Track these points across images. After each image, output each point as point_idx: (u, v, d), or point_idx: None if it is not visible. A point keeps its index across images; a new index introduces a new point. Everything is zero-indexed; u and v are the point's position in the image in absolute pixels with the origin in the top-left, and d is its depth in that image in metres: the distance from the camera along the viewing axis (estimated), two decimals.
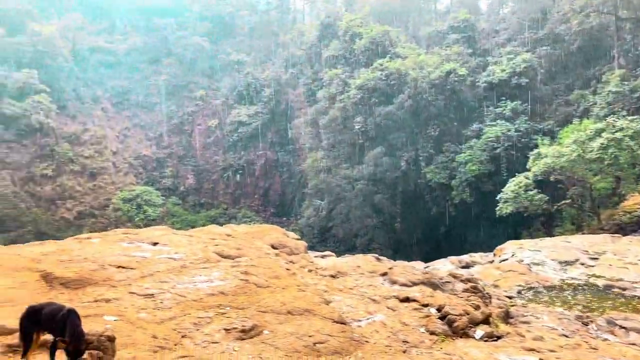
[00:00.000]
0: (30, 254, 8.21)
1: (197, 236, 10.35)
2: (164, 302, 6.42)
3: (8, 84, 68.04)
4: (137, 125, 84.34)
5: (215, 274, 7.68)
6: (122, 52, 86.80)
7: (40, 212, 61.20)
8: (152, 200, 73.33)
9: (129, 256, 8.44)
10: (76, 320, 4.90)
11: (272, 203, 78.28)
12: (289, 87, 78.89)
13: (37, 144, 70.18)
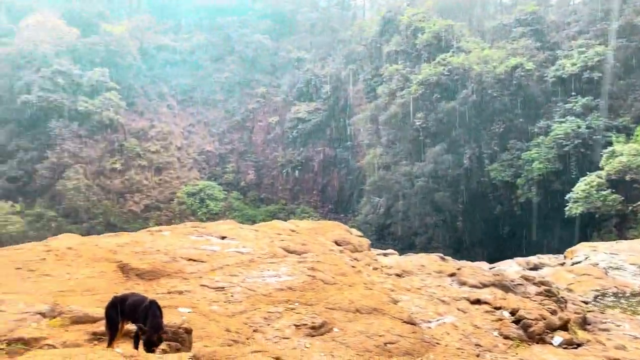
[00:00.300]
0: (106, 245, 8.54)
1: (263, 231, 10.44)
2: (235, 296, 6.49)
3: (82, 82, 71.71)
4: (201, 122, 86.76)
5: (283, 269, 7.70)
6: (186, 50, 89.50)
7: (110, 204, 64.16)
8: (215, 195, 75.33)
9: (198, 249, 8.61)
10: (157, 312, 5.02)
11: (330, 199, 78.46)
12: (348, 84, 78.69)
13: (107, 140, 73.64)
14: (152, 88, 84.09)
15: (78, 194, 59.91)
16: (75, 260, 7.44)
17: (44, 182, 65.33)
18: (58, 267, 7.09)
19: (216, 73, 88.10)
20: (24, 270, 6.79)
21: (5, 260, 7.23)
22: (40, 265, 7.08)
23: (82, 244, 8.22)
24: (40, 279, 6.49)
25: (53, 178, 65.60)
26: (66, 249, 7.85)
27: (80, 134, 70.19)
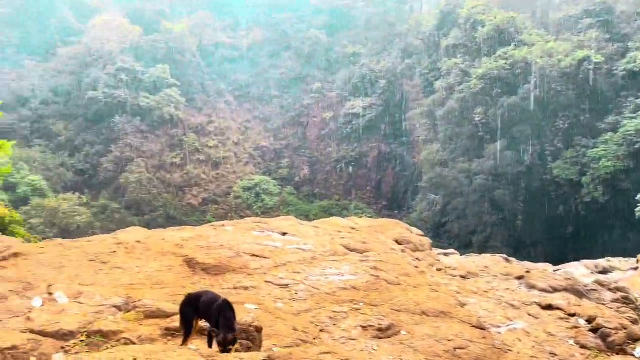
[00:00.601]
0: (172, 239, 8.72)
1: (323, 228, 10.39)
2: (299, 294, 6.45)
3: (144, 79, 74.29)
4: (257, 118, 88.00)
5: (345, 268, 7.60)
6: (244, 47, 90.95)
7: (170, 197, 66.22)
8: (270, 190, 76.32)
9: (261, 245, 8.65)
10: (229, 312, 5.03)
11: (384, 196, 77.78)
12: (404, 78, 77.57)
13: (167, 134, 76.03)
14: (210, 84, 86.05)
15: (140, 187, 62.18)
16: (144, 254, 7.63)
17: (108, 175, 68.26)
18: (128, 260, 7.29)
19: (272, 69, 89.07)
20: (97, 262, 7.02)
21: (79, 252, 7.50)
22: (111, 257, 7.30)
23: (150, 238, 8.44)
24: (112, 271, 6.69)
25: (117, 171, 68.41)
26: (135, 242, 8.07)
27: (142, 129, 72.81)
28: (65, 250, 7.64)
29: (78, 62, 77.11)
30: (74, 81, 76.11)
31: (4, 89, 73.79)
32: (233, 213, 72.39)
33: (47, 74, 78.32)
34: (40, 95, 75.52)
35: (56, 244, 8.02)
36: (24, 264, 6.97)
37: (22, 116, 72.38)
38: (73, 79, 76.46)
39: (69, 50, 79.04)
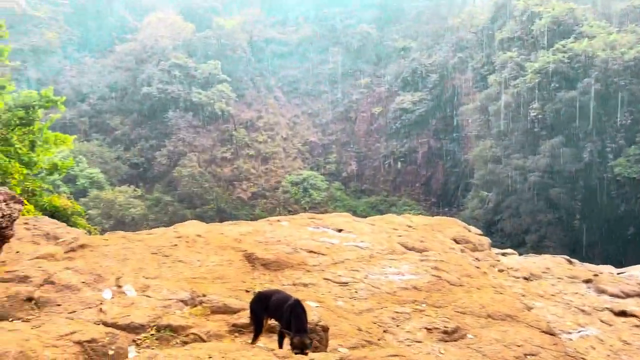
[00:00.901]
0: (231, 233, 8.79)
1: (379, 225, 10.22)
2: (359, 292, 6.35)
3: (196, 75, 75.91)
4: (306, 113, 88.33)
5: (405, 267, 7.43)
6: (293, 42, 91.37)
7: (221, 191, 67.49)
8: (317, 185, 76.53)
9: (317, 241, 8.58)
10: (301, 313, 4.94)
11: (434, 192, 76.51)
12: (456, 73, 75.90)
13: (218, 129, 77.47)
14: (260, 80, 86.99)
15: (192, 181, 63.64)
16: (204, 248, 7.71)
17: (161, 169, 70.26)
18: (189, 253, 7.39)
19: (321, 64, 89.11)
20: (159, 256, 7.14)
21: (142, 244, 7.66)
22: (173, 251, 7.41)
23: (209, 232, 8.53)
24: (174, 264, 6.78)
25: (170, 165, 70.29)
26: (195, 236, 8.18)
27: (194, 123, 74.48)
28: (128, 243, 7.82)
29: (133, 59, 79.63)
30: (129, 77, 78.66)
31: (66, 85, 77.12)
32: (281, 207, 73.06)
33: (104, 70, 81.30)
34: (98, 90, 78.49)
35: (119, 237, 8.23)
36: (90, 255, 7.17)
37: (81, 111, 75.47)
38: (129, 75, 79.03)
39: (125, 47, 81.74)
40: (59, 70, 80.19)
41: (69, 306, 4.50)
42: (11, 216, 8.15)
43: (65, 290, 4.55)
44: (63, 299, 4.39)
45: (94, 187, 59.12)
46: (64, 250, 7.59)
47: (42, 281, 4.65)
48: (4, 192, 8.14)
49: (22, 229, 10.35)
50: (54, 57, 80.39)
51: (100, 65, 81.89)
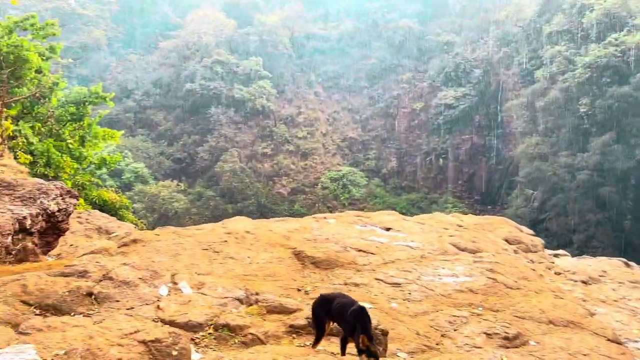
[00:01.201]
0: (279, 229, 8.75)
1: (428, 224, 9.98)
2: (412, 294, 6.16)
3: (238, 71, 76.70)
4: (346, 109, 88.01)
5: (459, 269, 7.19)
6: (334, 38, 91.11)
7: (261, 186, 68.09)
8: (357, 181, 76.23)
9: (366, 240, 8.43)
10: (367, 320, 4.80)
11: (477, 190, 75.00)
12: (501, 67, 74.03)
13: (259, 125, 78.10)
14: (300, 76, 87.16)
15: (233, 176, 64.41)
16: (253, 244, 7.69)
17: (203, 164, 71.41)
18: (239, 250, 7.37)
19: (362, 60, 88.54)
20: (210, 252, 7.16)
21: (193, 240, 7.70)
22: (223, 247, 7.42)
23: (257, 229, 8.51)
24: (225, 261, 6.78)
25: (211, 160, 71.37)
26: (244, 232, 8.16)
27: (236, 119, 75.34)
28: (179, 238, 7.88)
29: (177, 55, 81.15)
30: (173, 73, 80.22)
31: (112, 81, 79.30)
32: (320, 203, 73.16)
33: (149, 66, 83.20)
34: (142, 87, 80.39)
35: (170, 232, 8.30)
36: (143, 250, 7.25)
37: (126, 107, 77.46)
38: (172, 71, 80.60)
39: (169, 44, 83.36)
40: (106, 67, 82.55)
41: (127, 302, 4.53)
42: (67, 210, 8.35)
43: (123, 286, 4.58)
44: (121, 295, 4.41)
45: (138, 181, 60.63)
46: (118, 245, 7.71)
47: (100, 276, 4.69)
48: (60, 187, 8.34)
49: (75, 223, 10.61)
50: (101, 54, 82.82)
51: (145, 62, 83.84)
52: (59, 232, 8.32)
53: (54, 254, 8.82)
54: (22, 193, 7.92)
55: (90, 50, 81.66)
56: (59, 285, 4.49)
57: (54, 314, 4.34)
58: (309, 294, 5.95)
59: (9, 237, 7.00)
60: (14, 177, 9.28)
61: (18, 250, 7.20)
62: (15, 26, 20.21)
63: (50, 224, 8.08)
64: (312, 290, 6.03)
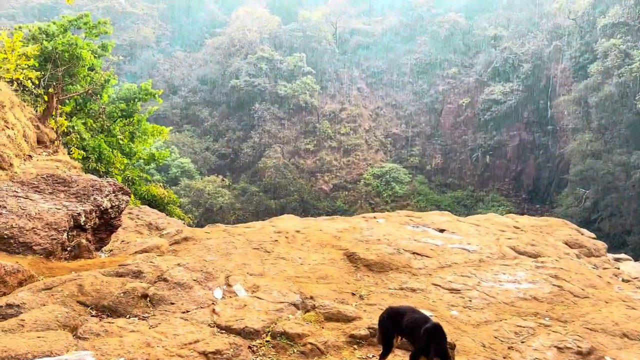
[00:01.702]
0: (328, 229, 8.55)
1: (483, 226, 9.55)
2: (473, 301, 5.83)
3: (282, 67, 76.98)
4: (389, 104, 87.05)
5: (520, 274, 6.79)
6: (378, 33, 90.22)
7: (304, 182, 68.20)
8: (400, 178, 75.27)
9: (420, 242, 8.12)
10: (443, 340, 4.52)
11: (525, 188, 72.78)
12: (551, 62, 71.48)
13: (302, 121, 78.22)
14: (344, 71, 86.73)
15: (276, 172, 64.72)
16: (304, 245, 7.51)
17: (247, 160, 72.14)
18: (290, 250, 7.21)
19: (406, 55, 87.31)
20: (261, 251, 7.02)
21: (243, 239, 7.59)
22: (274, 246, 7.28)
23: (307, 228, 8.34)
24: (277, 261, 6.63)
25: (255, 156, 71.99)
26: (295, 232, 8.01)
27: (279, 115, 75.70)
28: (229, 237, 7.79)
29: (222, 52, 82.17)
30: (218, 70, 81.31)
31: (160, 78, 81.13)
32: (362, 200, 72.68)
33: (195, 63, 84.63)
34: (189, 83, 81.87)
35: (220, 230, 8.23)
36: (194, 248, 7.19)
37: (173, 103, 79.07)
38: (218, 68, 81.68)
39: (215, 41, 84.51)
40: (153, 64, 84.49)
41: (182, 305, 4.41)
42: (119, 207, 8.39)
43: (178, 288, 4.47)
44: (176, 297, 4.30)
45: (184, 176, 61.78)
46: (169, 243, 7.69)
47: (155, 278, 4.60)
48: (112, 184, 8.39)
49: (126, 219, 10.73)
50: (149, 51, 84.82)
51: (191, 58, 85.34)
52: (112, 228, 8.38)
53: (106, 250, 8.91)
54: (76, 190, 8.00)
55: (139, 47, 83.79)
56: (114, 286, 4.42)
57: (109, 315, 4.27)
58: (364, 298, 5.71)
59: (64, 234, 7.06)
60: (68, 174, 9.41)
61: (73, 247, 7.26)
62: (70, 25, 20.73)
63: (103, 220, 8.14)
64: (367, 295, 5.79)
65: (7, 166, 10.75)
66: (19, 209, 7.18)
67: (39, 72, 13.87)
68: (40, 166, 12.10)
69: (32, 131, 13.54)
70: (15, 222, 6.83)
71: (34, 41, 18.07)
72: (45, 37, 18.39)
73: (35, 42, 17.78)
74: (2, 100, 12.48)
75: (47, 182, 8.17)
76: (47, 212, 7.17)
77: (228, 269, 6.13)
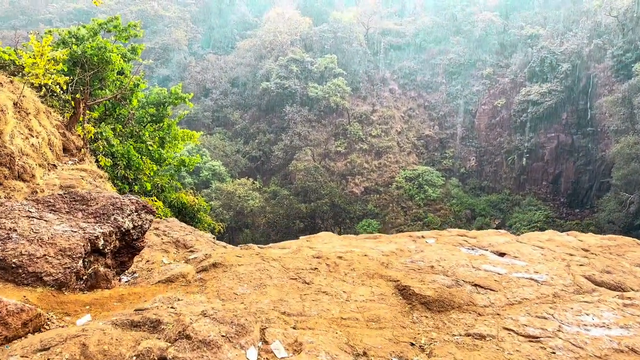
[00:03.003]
0: (372, 252, 7.57)
1: (548, 248, 8.42)
2: (558, 353, 4.78)
3: (313, 69, 76.24)
4: (421, 106, 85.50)
5: (607, 315, 5.70)
6: (410, 33, 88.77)
7: (335, 185, 67.25)
8: (433, 181, 73.66)
9: (479, 269, 7.07)
10: None
11: (563, 192, 70.27)
12: (592, 61, 68.87)
13: (332, 123, 77.33)
14: (375, 73, 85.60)
15: (307, 175, 63.97)
16: (348, 274, 6.57)
17: (278, 162, 71.61)
18: (333, 281, 6.28)
19: (439, 55, 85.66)
20: (299, 282, 6.12)
21: (279, 266, 6.70)
22: (314, 276, 6.36)
23: (349, 252, 7.39)
24: (318, 297, 5.71)
25: (285, 159, 71.43)
26: (336, 258, 7.06)
27: (310, 118, 74.99)
28: (262, 262, 6.90)
29: (253, 55, 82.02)
30: (249, 72, 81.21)
31: (191, 80, 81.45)
32: (394, 203, 71.33)
33: (226, 66, 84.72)
34: (220, 86, 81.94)
35: (253, 253, 7.36)
36: (224, 277, 6.34)
37: (205, 106, 79.26)
38: (249, 70, 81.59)
39: (246, 44, 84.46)
40: (185, 67, 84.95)
41: None
42: (142, 227, 7.58)
43: (203, 348, 3.60)
44: None
45: (215, 179, 61.60)
46: (196, 270, 6.84)
47: (176, 334, 3.75)
48: (135, 201, 7.59)
49: (152, 235, 9.97)
50: (181, 54, 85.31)
51: (223, 61, 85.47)
52: (134, 251, 7.58)
53: (129, 272, 8.14)
54: (95, 209, 7.24)
55: (171, 50, 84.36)
56: (126, 345, 3.59)
57: None
58: (426, 350, 4.73)
59: (79, 261, 6.28)
60: (88, 189, 8.67)
61: (89, 275, 6.48)
62: (100, 28, 20.28)
63: (124, 243, 7.35)
64: (429, 346, 4.80)
65: (28, 177, 10.10)
66: (31, 232, 6.42)
67: (68, 77, 13.32)
68: (65, 176, 11.43)
69: (58, 139, 12.96)
70: (25, 248, 6.07)
71: (64, 45, 17.64)
72: (74, 41, 17.94)
73: (65, 47, 17.34)
74: (27, 107, 11.91)
75: (64, 200, 7.42)
76: (61, 236, 6.39)
77: (262, 308, 5.23)
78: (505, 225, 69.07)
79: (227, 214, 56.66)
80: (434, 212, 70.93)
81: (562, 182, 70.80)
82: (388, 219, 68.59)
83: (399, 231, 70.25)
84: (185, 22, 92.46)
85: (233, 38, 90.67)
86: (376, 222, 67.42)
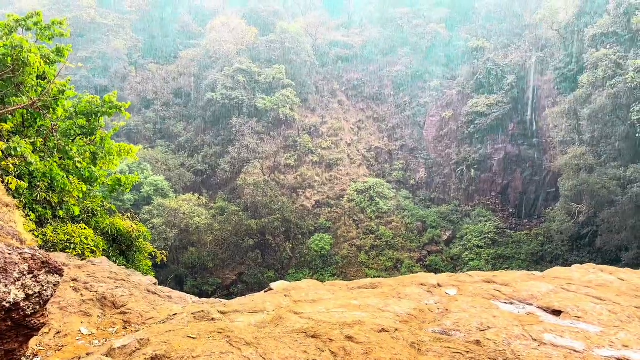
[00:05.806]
0: (383, 318, 5.25)
1: (610, 300, 6.41)
2: None
3: (260, 80, 73.66)
4: (371, 118, 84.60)
5: None
6: (358, 45, 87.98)
7: (285, 199, 64.71)
8: (384, 193, 72.53)
9: (542, 343, 4.94)
10: None
11: (511, 202, 70.81)
12: (535, 74, 70.07)
13: (282, 135, 74.86)
14: (324, 84, 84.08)
15: (257, 189, 61.13)
16: None
17: (225, 176, 68.30)
18: None
19: (387, 67, 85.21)
20: None
21: (256, 357, 4.28)
22: None
23: (359, 324, 5.04)
24: None
25: (233, 172, 68.25)
26: (345, 339, 4.68)
27: (258, 130, 72.22)
28: (228, 347, 4.46)
29: (197, 65, 78.58)
30: (193, 83, 77.68)
31: (132, 91, 76.90)
32: (346, 217, 69.57)
33: (169, 76, 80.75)
34: (162, 97, 77.86)
35: (214, 331, 4.83)
36: None
37: (146, 118, 74.94)
38: (193, 81, 78.04)
39: (189, 53, 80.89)
40: (125, 77, 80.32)
41: None
42: (41, 296, 4.95)
43: None
44: None
45: (158, 195, 57.66)
46: None
47: None
48: (30, 256, 4.95)
49: (69, 291, 7.25)
50: (120, 63, 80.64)
51: (165, 71, 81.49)
52: (29, 331, 4.93)
53: (28, 355, 5.47)
54: None
55: (109, 60, 79.58)
56: None
57: None
58: None
59: None
60: None
61: None
62: (17, 25, 17.15)
63: (11, 322, 4.71)
64: None
65: None
66: None
67: None
68: None
69: None
70: None
71: None
72: None
73: None
74: None
75: None
76: None
77: None
78: (456, 236, 68.72)
79: (170, 232, 52.94)
80: (386, 225, 69.71)
81: (511, 192, 71.38)
82: (340, 232, 66.73)
83: (352, 245, 68.49)
84: (125, 30, 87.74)
85: (176, 47, 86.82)
86: (329, 237, 65.38)
